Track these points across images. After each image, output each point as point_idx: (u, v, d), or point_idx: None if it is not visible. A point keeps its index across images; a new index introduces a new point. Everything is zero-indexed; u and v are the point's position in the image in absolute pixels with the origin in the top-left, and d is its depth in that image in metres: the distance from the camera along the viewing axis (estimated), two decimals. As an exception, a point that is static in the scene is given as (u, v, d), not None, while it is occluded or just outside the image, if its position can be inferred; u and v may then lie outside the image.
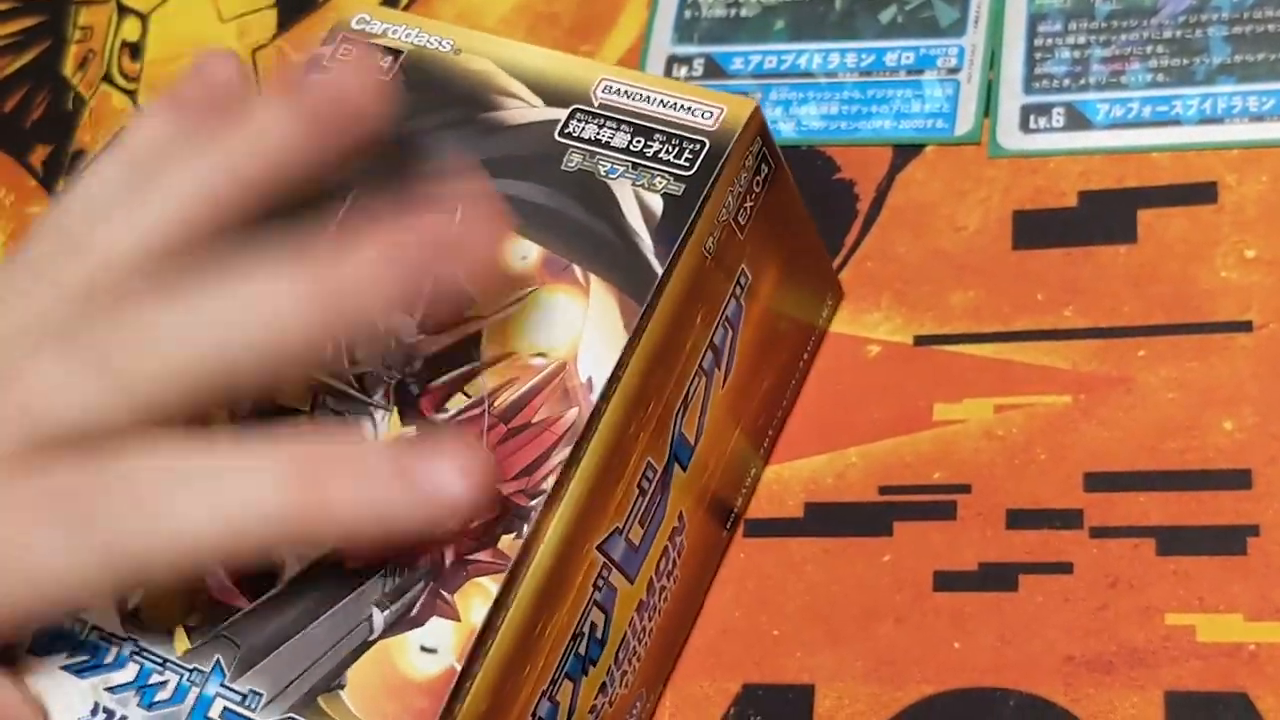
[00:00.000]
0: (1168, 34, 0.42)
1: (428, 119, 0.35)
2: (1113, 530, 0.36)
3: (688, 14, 0.47)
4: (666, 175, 0.33)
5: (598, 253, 0.33)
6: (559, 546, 0.31)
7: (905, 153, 0.43)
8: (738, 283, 0.35)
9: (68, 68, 0.54)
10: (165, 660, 0.31)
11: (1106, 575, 0.36)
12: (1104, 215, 0.40)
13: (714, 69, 0.46)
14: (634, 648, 0.35)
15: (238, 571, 0.31)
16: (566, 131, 0.34)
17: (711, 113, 0.34)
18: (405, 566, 0.30)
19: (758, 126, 0.34)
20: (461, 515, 0.29)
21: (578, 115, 0.34)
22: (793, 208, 0.37)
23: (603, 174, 0.34)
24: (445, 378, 0.32)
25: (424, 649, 0.30)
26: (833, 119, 0.44)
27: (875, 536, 0.38)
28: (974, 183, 0.42)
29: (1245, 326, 0.38)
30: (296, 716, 0.30)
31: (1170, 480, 0.37)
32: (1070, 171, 0.41)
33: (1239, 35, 0.41)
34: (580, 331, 0.32)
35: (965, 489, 0.38)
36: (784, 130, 0.44)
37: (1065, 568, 0.36)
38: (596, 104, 0.34)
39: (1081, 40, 0.43)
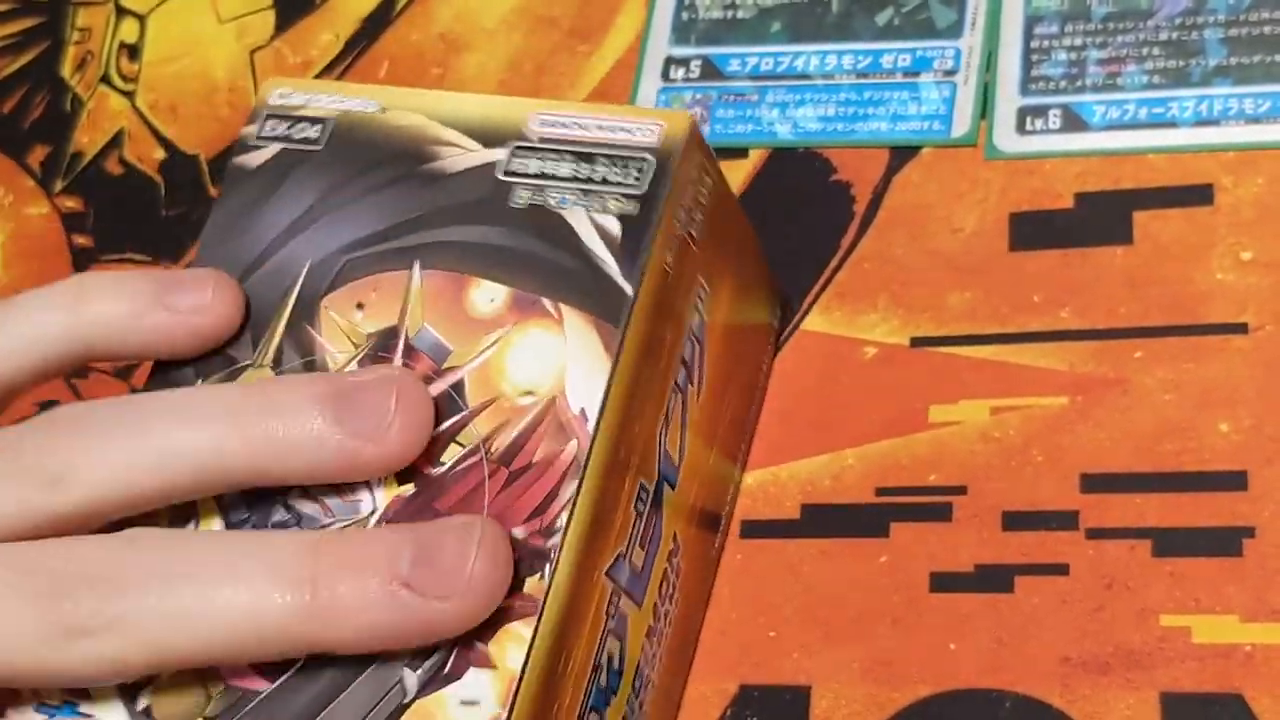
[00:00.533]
0: (1164, 36, 0.42)
1: (364, 181, 0.35)
2: (1109, 532, 0.37)
3: (685, 15, 0.47)
4: (618, 197, 0.33)
5: (565, 283, 0.33)
6: (572, 575, 0.31)
7: (902, 154, 0.43)
8: (698, 296, 0.35)
9: (66, 69, 0.54)
10: None
11: (1102, 577, 0.36)
12: (1100, 217, 0.40)
13: (711, 70, 0.46)
14: (647, 676, 0.35)
15: None
16: (510, 170, 0.34)
17: (651, 130, 0.34)
18: None
19: (698, 139, 0.34)
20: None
21: (518, 152, 0.34)
22: (736, 218, 0.38)
23: (554, 205, 0.34)
24: (435, 431, 0.32)
25: (464, 703, 0.29)
26: (829, 121, 0.44)
27: (872, 538, 0.38)
28: (970, 184, 0.42)
29: (1241, 328, 0.38)
30: None
31: (1166, 482, 0.37)
32: (1066, 173, 0.41)
33: (1235, 37, 0.41)
34: (563, 364, 0.32)
35: (961, 490, 0.38)
36: (781, 132, 0.44)
37: (1061, 569, 0.36)
38: (535, 138, 0.34)
39: (1078, 42, 0.43)
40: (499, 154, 0.35)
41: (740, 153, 0.44)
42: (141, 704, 0.31)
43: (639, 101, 0.46)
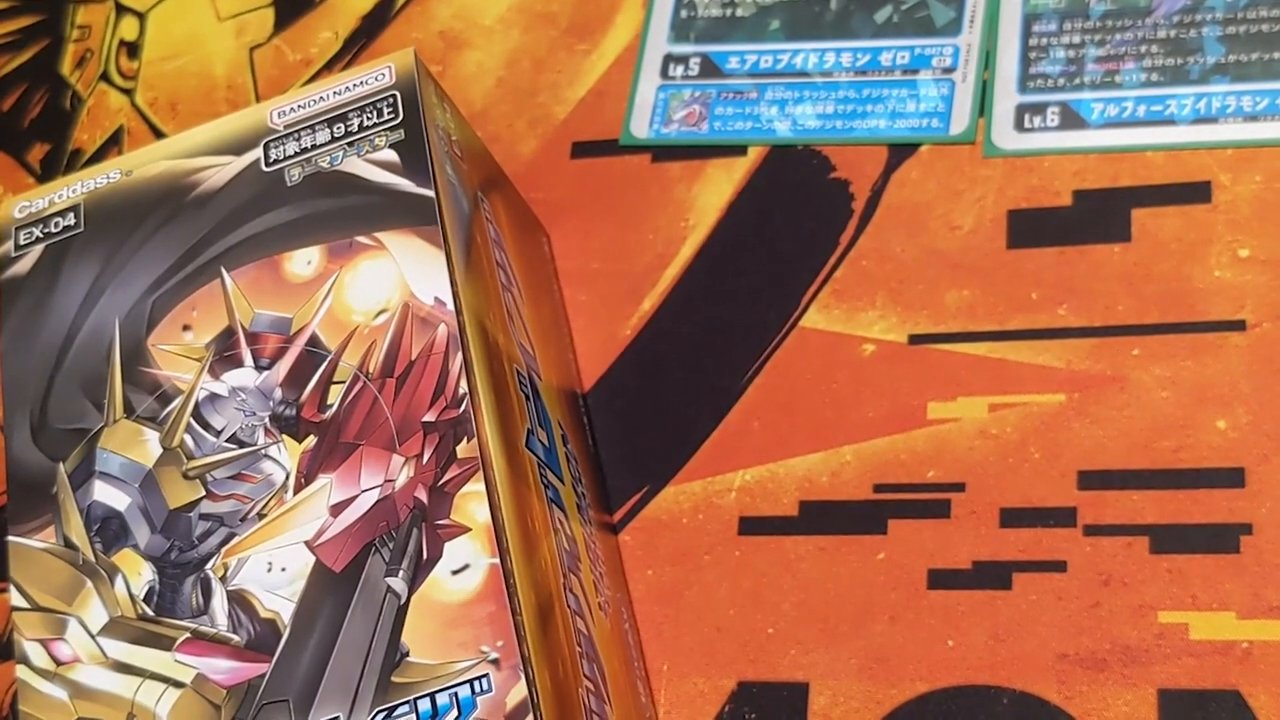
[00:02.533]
0: (1162, 34, 0.42)
1: (139, 235, 0.37)
2: (1106, 528, 0.37)
3: (684, 13, 0.47)
4: (382, 132, 0.36)
5: (371, 217, 0.35)
6: (501, 445, 0.33)
7: (900, 152, 0.43)
8: (482, 206, 0.38)
9: (65, 66, 0.54)
10: None
11: (1100, 573, 0.36)
12: (1098, 214, 0.40)
13: (710, 68, 0.46)
14: (595, 550, 0.37)
15: (239, 647, 0.32)
16: (271, 160, 0.37)
17: (383, 73, 0.37)
18: (391, 529, 0.32)
19: (424, 68, 0.37)
20: None
21: (271, 144, 0.37)
22: (478, 142, 0.40)
23: (328, 166, 0.36)
24: (311, 384, 0.34)
25: (454, 572, 0.31)
26: (828, 118, 0.44)
27: (870, 535, 0.38)
28: (969, 182, 0.42)
29: (1239, 325, 0.38)
30: (382, 706, 0.30)
31: (1164, 479, 0.37)
32: (1065, 171, 0.41)
33: (1233, 35, 0.41)
34: (400, 275, 0.34)
35: (959, 487, 0.38)
36: (779, 129, 0.44)
37: (1059, 566, 0.36)
38: (282, 128, 0.37)
39: (1076, 40, 0.43)
40: (254, 154, 0.37)
41: (739, 150, 0.44)
42: None
43: (638, 99, 0.46)
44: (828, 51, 0.45)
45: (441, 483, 0.32)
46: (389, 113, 0.36)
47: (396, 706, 0.30)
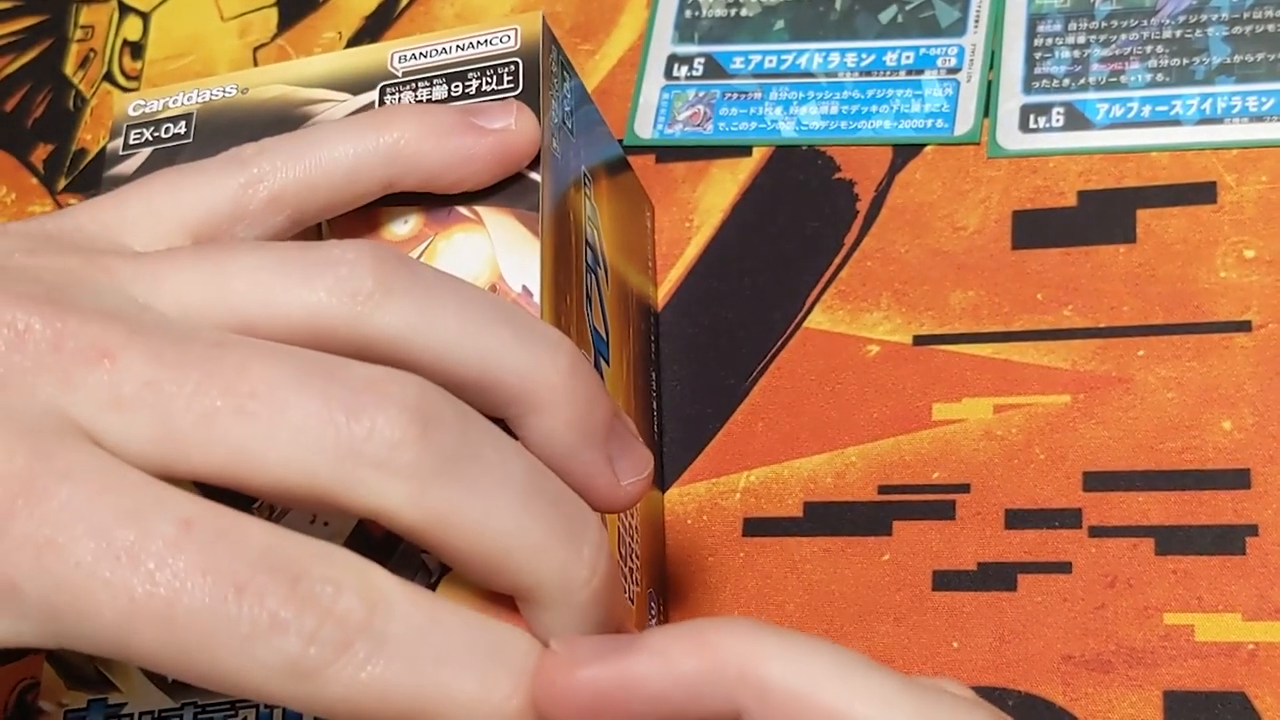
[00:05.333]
0: (1167, 34, 0.42)
1: None
2: (1111, 530, 0.37)
3: (688, 13, 0.47)
4: (499, 100, 0.35)
5: (473, 190, 0.34)
6: None
7: (905, 153, 0.43)
8: (585, 182, 0.37)
9: (69, 67, 0.54)
10: (233, 703, 0.30)
11: (1105, 575, 0.36)
12: (1103, 215, 0.40)
13: (714, 68, 0.46)
14: (630, 545, 0.36)
15: None
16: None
17: (508, 35, 0.35)
18: None
19: (551, 35, 0.36)
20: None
21: (389, 90, 0.35)
22: (595, 115, 0.39)
23: None
24: None
25: None
26: (833, 119, 0.44)
27: (874, 536, 0.38)
28: (974, 182, 0.42)
29: (1244, 326, 0.38)
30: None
31: (1169, 480, 0.37)
32: (1070, 171, 0.41)
33: (1238, 35, 0.41)
34: (492, 254, 0.33)
35: (964, 489, 0.38)
36: (784, 130, 0.44)
37: (1064, 567, 0.36)
38: (401, 74, 0.35)
39: (1081, 40, 0.43)
40: (370, 96, 0.36)
41: (744, 151, 0.44)
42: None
43: (642, 100, 0.46)
44: (832, 52, 0.45)
45: None
46: (509, 80, 0.35)
47: None
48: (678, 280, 0.43)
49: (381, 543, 0.30)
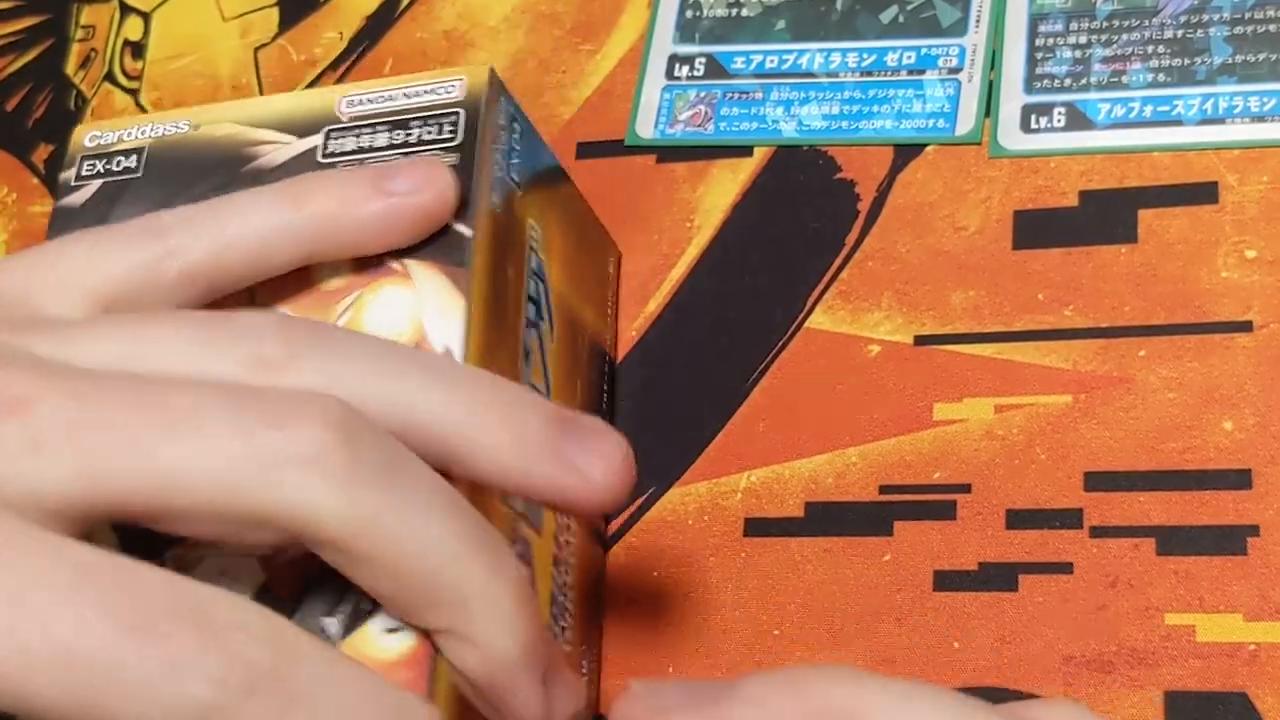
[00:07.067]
0: (1169, 34, 0.42)
1: (189, 194, 0.36)
2: (1112, 530, 0.36)
3: (689, 14, 0.47)
4: (437, 152, 0.35)
5: None
6: (473, 502, 0.32)
7: (906, 153, 0.43)
8: (531, 236, 0.37)
9: (70, 67, 0.54)
10: None
11: (1106, 575, 0.36)
12: (1105, 215, 0.40)
13: (715, 68, 0.46)
14: (563, 604, 0.36)
15: None
16: (328, 152, 0.35)
17: (453, 86, 0.35)
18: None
19: (499, 86, 0.36)
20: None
21: (333, 135, 0.36)
22: (553, 166, 0.39)
23: None
24: None
25: (389, 630, 0.30)
26: (834, 119, 0.44)
27: (875, 536, 0.38)
28: (975, 183, 0.42)
29: (1246, 326, 0.38)
30: None
31: (1170, 480, 0.37)
32: (1071, 171, 0.41)
33: (1240, 35, 0.41)
34: (419, 311, 0.33)
35: (965, 489, 0.38)
36: (785, 130, 0.44)
37: (1065, 568, 0.36)
38: (346, 119, 0.36)
39: (1082, 40, 0.43)
40: (314, 140, 0.36)
41: (745, 151, 0.44)
42: None
43: (643, 100, 0.46)
44: (833, 52, 0.45)
45: None
46: (449, 130, 0.35)
47: None
48: (678, 281, 0.43)
49: (285, 603, 0.30)
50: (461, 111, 0.35)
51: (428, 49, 0.49)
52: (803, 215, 0.43)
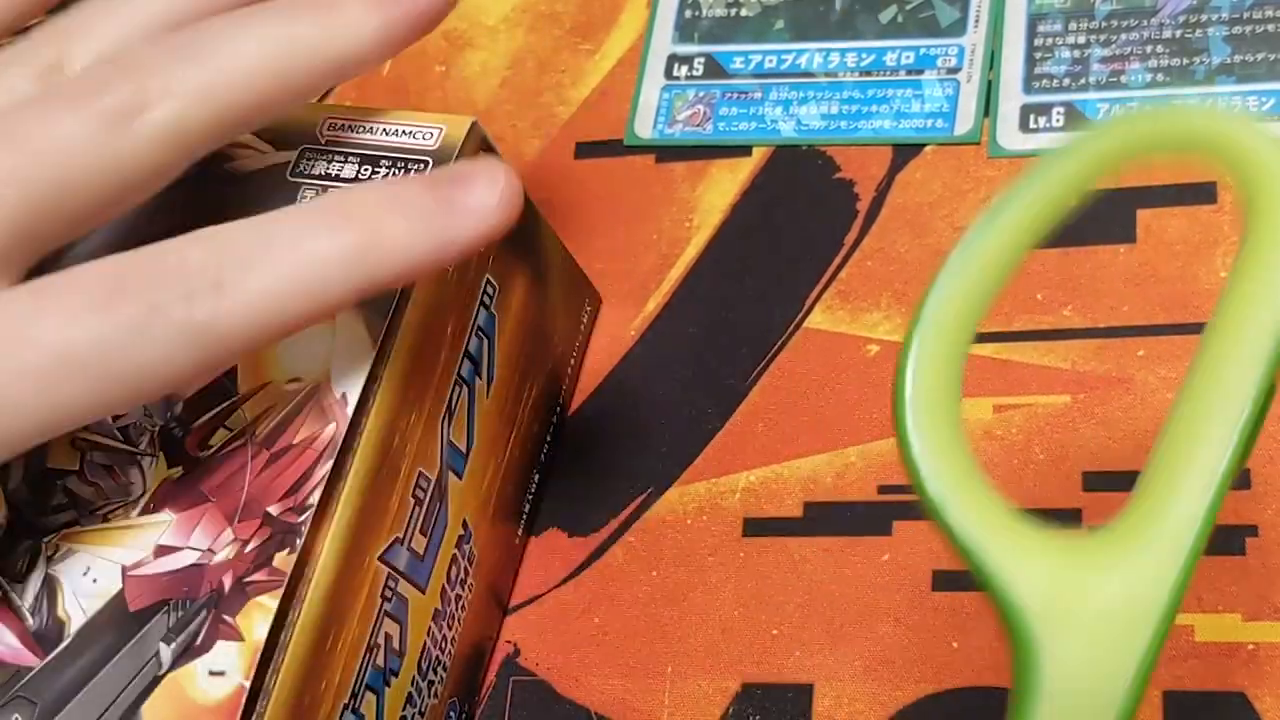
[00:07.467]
0: (1167, 34, 0.42)
1: (165, 194, 0.35)
2: (1111, 530, 0.36)
3: (688, 13, 0.47)
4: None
5: None
6: (338, 560, 0.32)
7: (905, 152, 0.43)
8: (485, 293, 0.37)
9: (69, 66, 0.54)
10: None
11: (1105, 575, 0.36)
12: (1103, 215, 0.40)
13: (714, 68, 0.46)
14: (437, 657, 0.36)
15: (28, 631, 0.31)
16: (298, 171, 0.35)
17: (431, 133, 0.35)
18: (188, 598, 0.31)
19: (478, 141, 0.35)
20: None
21: (307, 154, 0.36)
22: (532, 218, 0.39)
23: None
24: (206, 416, 0.33)
25: (212, 673, 0.30)
26: (833, 118, 0.44)
27: (874, 536, 0.38)
28: (974, 182, 0.42)
29: (1244, 326, 0.38)
30: None
31: (1169, 480, 0.37)
32: (1070, 171, 0.41)
33: (1239, 35, 0.41)
34: (330, 353, 0.33)
35: (964, 488, 0.38)
36: (784, 130, 0.44)
37: (1064, 567, 0.36)
38: (324, 141, 0.36)
39: (1081, 40, 0.43)
40: (289, 155, 0.36)
41: (743, 151, 0.44)
42: None
43: (642, 100, 0.46)
44: (832, 52, 0.45)
45: (247, 579, 0.31)
46: None
47: None
48: (677, 280, 0.43)
49: (132, 618, 0.31)
50: (430, 162, 0.35)
51: (427, 48, 0.49)
52: (802, 215, 0.43)
